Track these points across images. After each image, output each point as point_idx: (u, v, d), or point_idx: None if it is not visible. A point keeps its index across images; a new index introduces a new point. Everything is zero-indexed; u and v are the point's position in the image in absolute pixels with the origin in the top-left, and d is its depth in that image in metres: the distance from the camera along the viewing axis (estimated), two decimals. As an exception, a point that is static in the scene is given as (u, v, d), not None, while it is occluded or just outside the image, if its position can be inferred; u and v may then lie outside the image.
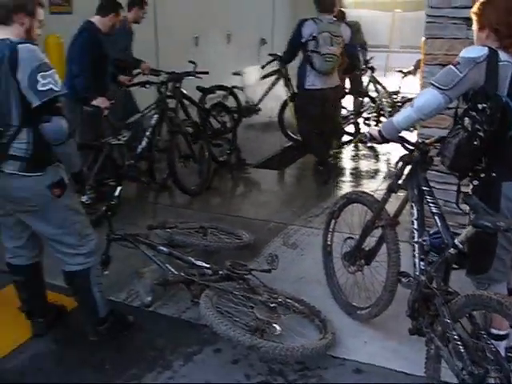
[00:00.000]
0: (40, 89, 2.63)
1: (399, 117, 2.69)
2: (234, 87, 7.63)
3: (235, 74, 8.27)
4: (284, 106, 7.32)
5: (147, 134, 5.40)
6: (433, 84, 2.51)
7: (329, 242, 3.54)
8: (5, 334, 3.34)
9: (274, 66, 7.69)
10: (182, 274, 3.34)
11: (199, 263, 3.49)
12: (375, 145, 3.56)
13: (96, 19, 5.06)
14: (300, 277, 3.83)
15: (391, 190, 3.03)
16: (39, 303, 3.31)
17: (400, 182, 2.99)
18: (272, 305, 3.06)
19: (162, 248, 3.59)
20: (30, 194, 2.82)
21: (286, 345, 2.80)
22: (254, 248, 4.13)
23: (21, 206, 2.89)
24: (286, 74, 7.48)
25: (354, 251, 3.26)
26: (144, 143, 5.41)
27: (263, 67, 7.76)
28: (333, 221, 3.49)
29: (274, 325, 2.93)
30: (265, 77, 7.88)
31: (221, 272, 3.36)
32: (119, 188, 3.62)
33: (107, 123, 5.03)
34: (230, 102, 7.35)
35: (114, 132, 5.00)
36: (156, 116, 5.43)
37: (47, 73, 2.66)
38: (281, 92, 7.68)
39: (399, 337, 3.03)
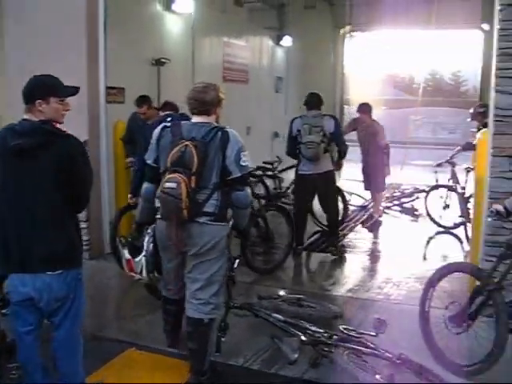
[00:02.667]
0: (242, 164, 3.39)
1: None
2: (263, 175, 8.24)
3: (266, 162, 8.87)
4: None
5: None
6: None
7: (427, 309, 3.96)
8: None
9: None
10: (307, 336, 3.75)
11: (314, 328, 3.90)
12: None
13: None
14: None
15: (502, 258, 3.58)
16: None
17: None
18: (398, 361, 3.49)
19: (276, 316, 4.01)
20: (211, 237, 3.42)
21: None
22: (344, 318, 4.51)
23: (201, 247, 3.43)
24: None
25: (460, 314, 3.69)
26: None
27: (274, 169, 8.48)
28: (431, 289, 3.95)
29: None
30: (283, 170, 8.75)
31: (336, 336, 3.79)
32: (237, 261, 4.04)
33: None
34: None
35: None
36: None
37: (245, 153, 3.45)
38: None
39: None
